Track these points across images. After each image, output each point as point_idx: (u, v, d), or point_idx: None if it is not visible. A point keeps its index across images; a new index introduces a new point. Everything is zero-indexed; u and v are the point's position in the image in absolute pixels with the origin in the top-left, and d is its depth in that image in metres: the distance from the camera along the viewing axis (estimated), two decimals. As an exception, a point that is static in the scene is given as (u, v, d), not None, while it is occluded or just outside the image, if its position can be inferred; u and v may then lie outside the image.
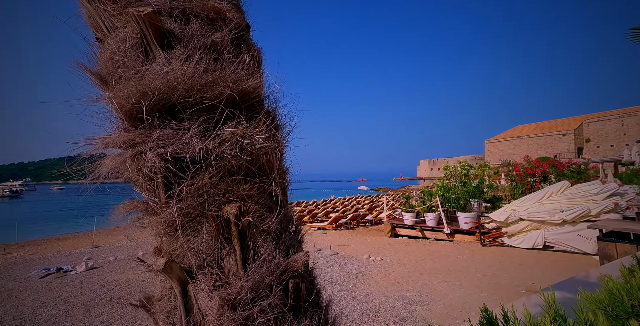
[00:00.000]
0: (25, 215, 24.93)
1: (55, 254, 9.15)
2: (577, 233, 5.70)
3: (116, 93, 0.83)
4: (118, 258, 7.69)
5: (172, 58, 0.85)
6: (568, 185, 6.49)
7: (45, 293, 4.97)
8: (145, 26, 0.81)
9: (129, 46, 0.85)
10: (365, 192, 34.93)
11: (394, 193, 29.57)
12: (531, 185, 7.35)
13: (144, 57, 0.86)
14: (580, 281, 1.49)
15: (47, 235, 14.46)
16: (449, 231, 8.10)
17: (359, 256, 6.45)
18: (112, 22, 0.90)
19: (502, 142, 59.27)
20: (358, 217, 11.61)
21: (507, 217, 6.51)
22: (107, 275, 5.90)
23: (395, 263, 5.83)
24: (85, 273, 6.18)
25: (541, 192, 6.63)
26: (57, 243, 11.78)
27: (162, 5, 0.87)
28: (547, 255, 5.83)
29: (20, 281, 5.90)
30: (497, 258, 5.87)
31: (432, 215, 8.53)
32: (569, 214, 5.76)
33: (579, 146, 48.77)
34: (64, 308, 4.15)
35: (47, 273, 6.39)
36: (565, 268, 5.03)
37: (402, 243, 8.00)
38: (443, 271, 5.21)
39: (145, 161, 0.81)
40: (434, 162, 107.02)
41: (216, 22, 0.95)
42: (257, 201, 0.90)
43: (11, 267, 7.68)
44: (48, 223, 19.76)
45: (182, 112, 0.85)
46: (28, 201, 42.20)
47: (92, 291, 4.88)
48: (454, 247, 7.12)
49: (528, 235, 6.29)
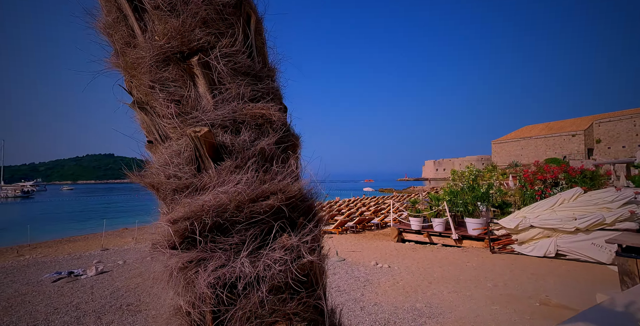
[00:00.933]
0: (37, 215, 25.50)
1: (66, 257, 9.31)
2: (591, 242, 5.55)
3: (171, 217, 0.85)
4: (127, 262, 7.78)
5: (223, 169, 0.87)
6: (581, 192, 6.34)
7: (57, 298, 5.05)
8: (199, 143, 0.85)
9: (182, 160, 0.89)
10: (370, 194, 34.77)
11: (400, 195, 29.38)
12: (542, 191, 7.19)
13: (196, 171, 0.89)
14: (606, 312, 1.41)
15: (57, 236, 14.75)
16: (456, 237, 7.99)
17: (366, 263, 6.41)
18: (165, 132, 0.94)
19: (510, 142, 58.40)
20: (364, 221, 11.56)
21: (517, 224, 6.38)
22: (117, 280, 5.98)
23: (403, 271, 5.77)
24: (96, 278, 6.27)
25: (553, 199, 6.48)
26: (67, 245, 12.00)
27: (215, 119, 0.90)
28: (559, 264, 5.69)
29: (33, 285, 6.01)
30: (507, 266, 5.76)
31: (439, 221, 8.43)
32: (583, 222, 5.62)
33: (589, 147, 47.75)
34: (76, 315, 4.21)
35: (59, 277, 6.51)
36: (579, 278, 4.91)
37: (409, 249, 7.92)
38: (452, 280, 5.13)
39: (195, 290, 0.81)
40: (440, 162, 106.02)
41: (263, 126, 0.97)
42: (303, 317, 0.88)
43: (24, 270, 7.85)
44: (58, 224, 20.18)
45: (231, 228, 0.86)
46: (39, 201, 43.16)
47: (103, 297, 4.94)
48: (462, 254, 7.02)
49: (539, 242, 6.16)
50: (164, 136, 0.94)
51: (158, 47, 0.88)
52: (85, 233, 15.52)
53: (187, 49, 0.90)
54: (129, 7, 0.90)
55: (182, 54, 0.90)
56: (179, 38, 0.88)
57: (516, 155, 55.62)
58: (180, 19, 0.88)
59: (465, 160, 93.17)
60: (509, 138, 59.28)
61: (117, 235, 13.81)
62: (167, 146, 0.92)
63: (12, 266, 8.31)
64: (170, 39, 0.88)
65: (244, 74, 0.97)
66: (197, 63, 0.89)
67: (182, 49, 0.89)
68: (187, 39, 0.89)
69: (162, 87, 0.90)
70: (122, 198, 45.53)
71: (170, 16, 0.88)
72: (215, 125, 0.90)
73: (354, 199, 25.74)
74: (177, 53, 0.89)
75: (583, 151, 46.90)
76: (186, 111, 0.90)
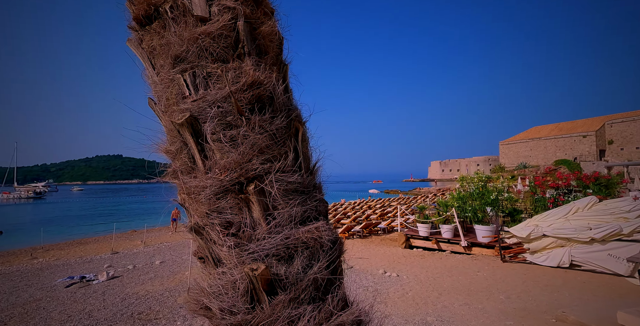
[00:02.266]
0: (49, 217, 26.08)
1: (78, 260, 9.49)
2: (607, 253, 5.39)
3: None
4: (136, 266, 7.88)
5: (277, 304, 0.89)
6: (596, 201, 6.16)
7: (70, 305, 5.14)
8: (255, 279, 0.88)
9: (237, 293, 0.91)
10: (375, 195, 34.57)
11: (406, 197, 29.09)
12: (554, 199, 7.02)
13: (249, 304, 0.92)
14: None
15: (69, 238, 15.09)
16: (466, 244, 7.87)
17: (374, 271, 6.35)
18: (219, 256, 0.98)
19: (518, 143, 57.34)
20: (370, 226, 11.48)
21: (529, 232, 6.25)
22: (127, 286, 6.06)
23: (412, 280, 5.70)
24: (107, 283, 6.36)
25: (566, 208, 6.32)
26: (78, 247, 12.23)
27: (269, 249, 0.92)
28: (574, 275, 5.54)
29: (47, 290, 6.13)
30: (520, 276, 5.64)
31: (448, 227, 8.31)
32: (598, 232, 5.46)
33: (601, 148, 46.57)
34: (89, 324, 4.28)
35: (72, 282, 6.64)
36: (596, 291, 4.76)
37: (418, 256, 7.82)
38: (463, 291, 5.04)
39: None
40: (446, 163, 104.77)
41: (314, 248, 0.99)
42: None
43: (37, 273, 8.03)
44: (70, 225, 20.63)
45: None
46: (51, 203, 44.17)
47: (114, 304, 5.01)
48: (472, 262, 6.90)
49: (553, 252, 6.01)
50: (216, 259, 0.97)
51: (218, 181, 0.92)
52: (95, 235, 15.81)
53: (245, 178, 0.94)
54: (193, 141, 0.95)
55: (240, 184, 0.94)
56: (238, 170, 0.92)
57: (525, 156, 54.58)
58: (239, 150, 0.92)
59: (472, 161, 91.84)
60: (517, 139, 58.23)
61: (127, 238, 14.03)
62: (220, 273, 0.94)
63: (27, 270, 8.51)
64: (230, 172, 0.92)
65: (294, 192, 1.00)
66: (253, 191, 0.93)
67: (240, 180, 0.93)
68: (245, 169, 0.93)
69: (218, 214, 0.93)
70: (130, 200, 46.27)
71: (230, 148, 0.93)
72: (270, 255, 0.92)
73: (359, 201, 25.64)
74: (236, 184, 0.93)
75: (594, 152, 45.75)
76: (242, 243, 0.93)
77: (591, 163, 40.56)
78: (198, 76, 1.00)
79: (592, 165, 40.55)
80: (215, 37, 0.99)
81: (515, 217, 7.44)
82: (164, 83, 1.03)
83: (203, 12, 1.01)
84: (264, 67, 1.05)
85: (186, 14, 1.01)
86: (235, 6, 1.03)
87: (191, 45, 0.98)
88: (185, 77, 1.00)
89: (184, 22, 1.00)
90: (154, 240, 12.91)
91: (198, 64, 1.00)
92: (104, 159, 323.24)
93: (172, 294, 5.39)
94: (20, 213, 31.86)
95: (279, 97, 1.05)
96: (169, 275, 6.85)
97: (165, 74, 1.02)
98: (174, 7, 1.02)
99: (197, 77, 1.00)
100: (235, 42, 1.03)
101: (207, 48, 1.00)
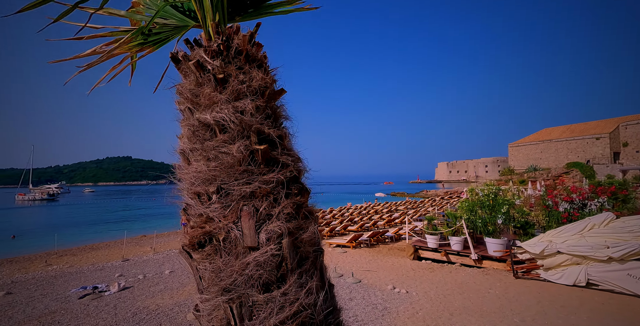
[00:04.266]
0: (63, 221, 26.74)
1: (90, 267, 9.70)
2: (626, 273, 5.20)
3: None
4: (147, 276, 7.99)
5: None
6: (613, 217, 5.96)
7: (84, 318, 5.24)
8: None
9: None
10: (382, 199, 34.30)
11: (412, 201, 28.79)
12: (569, 213, 6.82)
13: None
14: None
15: (82, 242, 15.44)
16: (476, 257, 7.71)
17: (382, 287, 6.28)
18: None
19: (528, 145, 56.19)
20: (378, 235, 11.39)
21: (542, 249, 6.08)
22: (138, 299, 6.14)
23: (422, 298, 5.61)
24: (118, 295, 6.47)
25: (581, 224, 6.14)
26: (90, 253, 12.51)
27: None
28: (591, 295, 5.36)
29: (62, 302, 6.28)
30: (534, 296, 5.49)
31: (457, 239, 8.17)
32: (617, 251, 5.27)
33: (615, 151, 45.22)
34: (102, 341, 4.35)
35: (85, 292, 6.78)
36: (616, 314, 4.59)
37: (427, 269, 7.71)
38: (475, 311, 4.93)
39: None
40: (453, 164, 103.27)
41: None
42: None
43: (52, 281, 8.23)
44: (82, 229, 21.15)
45: None
46: (64, 205, 45.35)
47: (125, 319, 5.08)
48: (483, 277, 6.76)
49: (568, 269, 5.84)
50: None
51: None
52: (106, 240, 16.15)
53: None
54: None
55: None
56: None
57: (535, 159, 53.42)
58: None
59: (480, 162, 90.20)
60: (527, 141, 57.05)
61: (136, 243, 14.26)
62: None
63: (42, 277, 8.75)
64: None
65: None
66: None
67: None
68: None
69: None
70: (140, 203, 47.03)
71: None
72: None
73: (365, 205, 25.49)
74: None
75: (608, 155, 44.45)
76: None
77: (605, 166, 39.38)
78: (244, 305, 1.07)
79: (606, 168, 39.36)
80: (262, 263, 1.08)
81: (528, 230, 7.26)
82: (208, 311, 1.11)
83: (252, 242, 1.10)
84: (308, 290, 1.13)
85: (237, 244, 1.10)
86: (281, 230, 1.12)
87: (239, 275, 1.06)
88: (232, 308, 1.06)
89: (234, 252, 1.08)
90: (163, 246, 13.09)
91: (244, 292, 1.08)
92: (114, 161, 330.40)
93: (182, 309, 5.44)
94: (35, 217, 32.82)
95: None
96: (178, 287, 6.92)
97: (212, 301, 1.09)
98: (226, 239, 1.11)
99: (243, 307, 1.07)
100: (280, 260, 1.12)
101: (254, 275, 1.07)
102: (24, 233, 19.60)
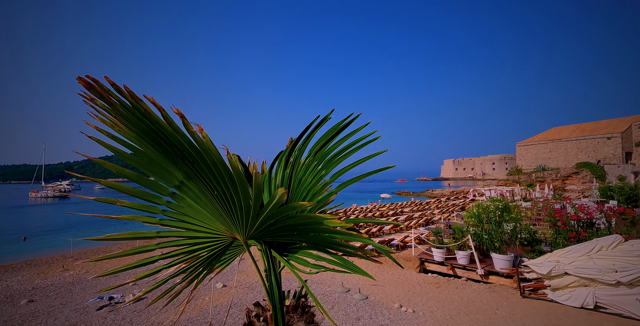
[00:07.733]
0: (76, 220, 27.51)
1: (105, 275, 10.06)
2: (635, 298, 5.21)
3: None
4: (160, 286, 8.28)
5: None
6: (621, 240, 5.94)
7: (103, 334, 5.51)
8: None
9: None
10: (387, 200, 34.30)
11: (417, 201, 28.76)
12: (576, 233, 6.81)
13: None
14: None
15: (95, 244, 15.96)
16: (482, 272, 7.77)
17: (389, 305, 6.41)
18: None
19: (536, 145, 55.21)
20: (384, 243, 11.49)
21: (550, 269, 6.11)
22: (152, 313, 6.40)
23: (429, 318, 5.72)
24: (133, 307, 6.74)
25: (589, 245, 6.13)
26: (104, 258, 12.93)
27: None
28: (600, 319, 5.40)
29: (80, 313, 6.58)
30: (541, 317, 5.55)
31: (463, 253, 8.22)
32: (625, 276, 5.28)
33: (627, 151, 44.14)
34: (123, 361, 4.58)
35: (102, 304, 7.09)
36: (621, 342, 4.64)
37: (433, 284, 7.80)
38: (481, 335, 5.02)
39: None
40: (459, 161, 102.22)
41: None
42: None
43: (70, 289, 8.61)
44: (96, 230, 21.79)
45: None
46: (75, 203, 46.53)
47: (143, 337, 5.33)
48: (489, 294, 6.82)
49: (576, 291, 5.86)
50: None
51: None
52: (119, 242, 16.62)
53: None
54: None
55: None
56: None
57: (544, 158, 52.53)
58: None
59: (487, 160, 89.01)
60: (535, 140, 56.04)
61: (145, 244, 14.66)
62: None
63: (60, 284, 9.14)
64: None
65: None
66: None
67: None
68: None
69: None
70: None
71: None
72: None
73: (371, 207, 25.56)
74: None
75: (620, 155, 43.43)
76: None
77: (616, 166, 38.54)
78: None
79: (618, 168, 38.52)
80: None
81: (535, 247, 7.27)
82: None
83: None
84: None
85: None
86: None
87: None
88: None
89: None
90: (172, 249, 13.43)
91: None
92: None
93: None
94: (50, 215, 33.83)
95: None
96: (190, 300, 7.17)
97: None
98: None
99: None
100: None
101: None
102: (35, 233, 20.27)
